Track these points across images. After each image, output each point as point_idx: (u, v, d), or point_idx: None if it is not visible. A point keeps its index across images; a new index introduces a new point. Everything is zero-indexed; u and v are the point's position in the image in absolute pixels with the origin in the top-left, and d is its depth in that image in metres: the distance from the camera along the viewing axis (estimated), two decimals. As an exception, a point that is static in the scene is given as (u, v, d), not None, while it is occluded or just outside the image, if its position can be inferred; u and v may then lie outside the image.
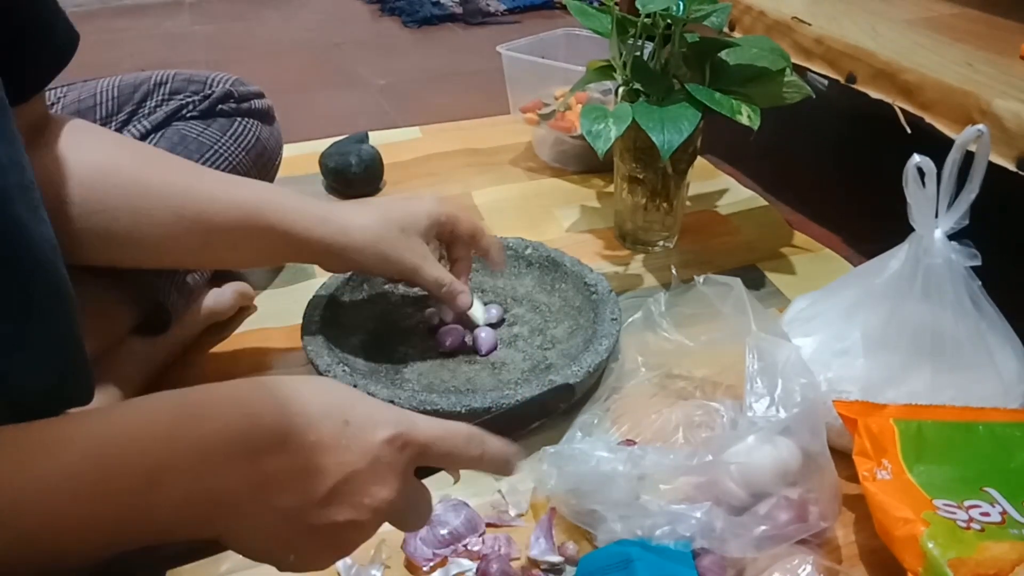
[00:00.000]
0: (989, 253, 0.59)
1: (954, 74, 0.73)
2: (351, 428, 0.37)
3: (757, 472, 0.53)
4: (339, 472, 0.36)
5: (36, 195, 0.40)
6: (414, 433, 0.39)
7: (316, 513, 0.36)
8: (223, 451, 0.35)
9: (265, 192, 0.60)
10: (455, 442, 0.41)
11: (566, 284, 0.75)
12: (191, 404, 0.36)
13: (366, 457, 0.37)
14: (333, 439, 0.37)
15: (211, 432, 0.35)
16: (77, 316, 0.42)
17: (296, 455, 0.36)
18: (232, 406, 0.36)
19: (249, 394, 0.37)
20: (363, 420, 0.38)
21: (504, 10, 1.86)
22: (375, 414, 0.38)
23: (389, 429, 0.38)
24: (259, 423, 0.35)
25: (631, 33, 0.80)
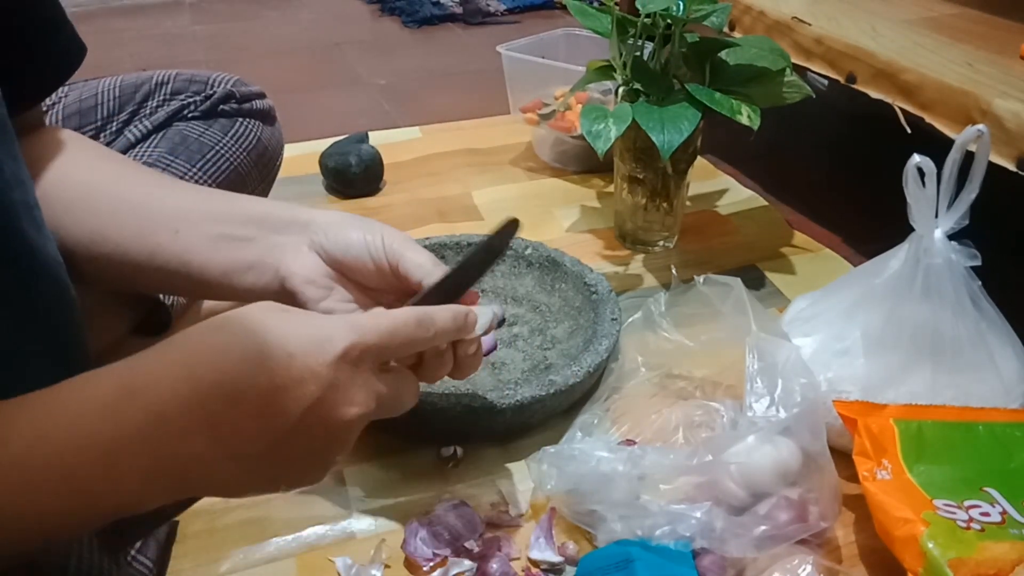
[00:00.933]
0: (989, 253, 0.59)
1: (954, 74, 0.73)
2: (298, 359, 0.36)
3: (757, 472, 0.53)
4: (299, 407, 0.36)
5: (38, 212, 0.41)
6: (363, 340, 0.38)
7: (288, 447, 0.36)
8: (175, 420, 0.34)
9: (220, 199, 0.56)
10: (407, 331, 0.41)
11: (566, 284, 0.75)
12: (133, 376, 0.35)
13: (321, 383, 0.36)
14: (283, 377, 0.36)
15: (158, 403, 0.34)
16: (80, 322, 0.43)
17: (250, 405, 0.35)
18: (174, 372, 0.35)
19: (189, 355, 0.35)
20: (307, 346, 0.37)
21: (504, 10, 1.86)
22: (318, 334, 0.37)
23: (336, 346, 0.37)
24: (204, 383, 0.34)
25: (631, 33, 0.80)
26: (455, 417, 0.59)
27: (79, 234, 0.50)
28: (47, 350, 0.41)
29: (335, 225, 0.52)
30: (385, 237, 0.51)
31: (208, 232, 0.51)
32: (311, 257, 0.51)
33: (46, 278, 0.41)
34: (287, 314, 0.39)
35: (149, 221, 0.51)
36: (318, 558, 0.53)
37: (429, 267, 0.50)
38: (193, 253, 0.51)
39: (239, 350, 0.36)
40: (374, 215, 0.96)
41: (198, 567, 0.53)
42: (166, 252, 0.51)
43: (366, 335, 0.39)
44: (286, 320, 0.38)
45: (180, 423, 0.34)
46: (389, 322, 0.40)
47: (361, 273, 0.51)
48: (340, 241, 0.51)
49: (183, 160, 0.70)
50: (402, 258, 0.50)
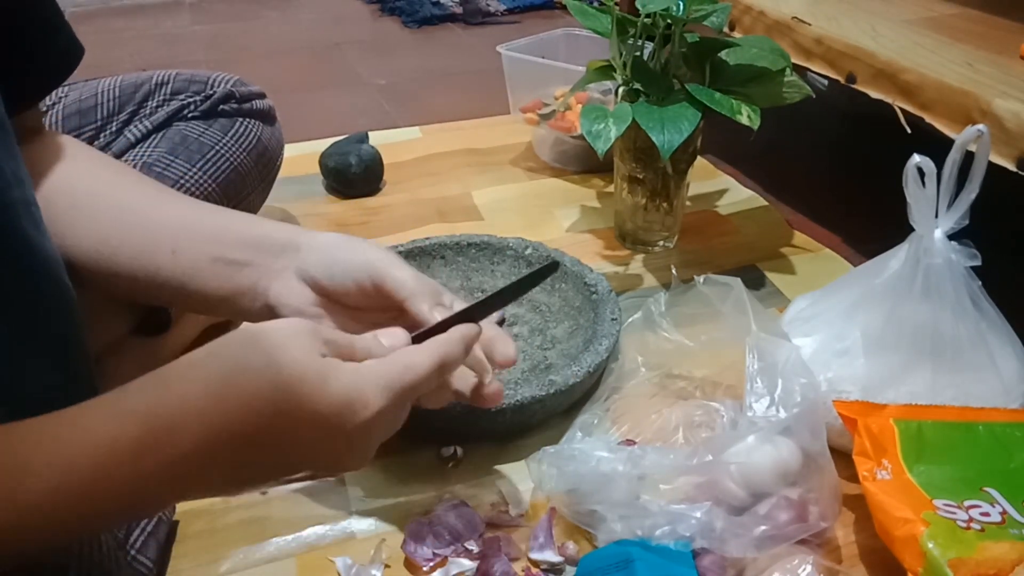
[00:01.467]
0: (989, 253, 0.59)
1: (954, 74, 0.73)
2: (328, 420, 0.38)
3: (757, 472, 0.53)
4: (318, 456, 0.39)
5: (37, 210, 0.41)
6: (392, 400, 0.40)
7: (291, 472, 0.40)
8: (195, 465, 0.35)
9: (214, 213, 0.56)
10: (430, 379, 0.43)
11: (566, 284, 0.75)
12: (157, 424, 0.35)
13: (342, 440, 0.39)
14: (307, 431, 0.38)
15: (181, 454, 0.35)
16: (80, 322, 0.43)
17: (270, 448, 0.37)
18: (200, 420, 0.35)
19: (218, 398, 0.36)
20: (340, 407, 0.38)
21: (504, 10, 1.86)
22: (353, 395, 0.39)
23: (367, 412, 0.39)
24: (231, 435, 0.36)
25: (631, 33, 0.80)
26: (455, 417, 0.59)
27: (80, 247, 0.51)
28: (47, 349, 0.41)
29: (323, 249, 0.51)
30: (368, 258, 0.50)
31: (205, 254, 0.51)
32: (298, 286, 0.51)
33: (46, 277, 0.41)
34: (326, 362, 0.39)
35: (148, 239, 0.51)
36: (318, 558, 0.53)
37: (411, 284, 0.49)
38: (190, 276, 0.51)
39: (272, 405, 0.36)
40: (374, 215, 0.96)
41: (198, 567, 0.53)
42: (164, 272, 0.51)
43: (395, 396, 0.41)
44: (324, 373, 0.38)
45: (201, 466, 0.36)
46: (415, 377, 0.42)
47: (346, 296, 0.51)
48: (327, 268, 0.51)
49: (183, 160, 0.70)
50: (385, 276, 0.49)
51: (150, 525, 0.50)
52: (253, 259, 0.51)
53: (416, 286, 0.49)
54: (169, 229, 0.52)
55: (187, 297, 0.52)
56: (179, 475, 0.35)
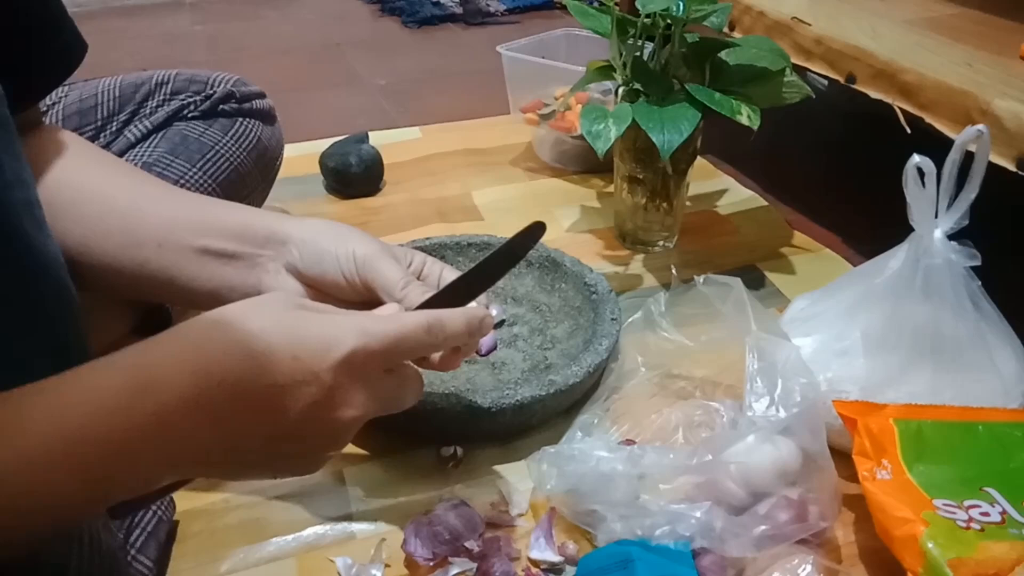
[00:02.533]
0: (989, 253, 0.59)
1: (954, 74, 0.73)
2: (301, 362, 0.37)
3: (757, 472, 0.53)
4: (298, 407, 0.37)
5: (40, 211, 0.41)
6: (369, 346, 0.39)
7: (285, 443, 0.38)
8: (183, 416, 0.35)
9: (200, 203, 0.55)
10: (416, 337, 0.41)
11: (566, 284, 0.75)
12: (142, 373, 0.36)
13: (322, 386, 0.38)
14: (286, 378, 0.37)
15: (168, 401, 0.35)
16: (81, 322, 0.43)
17: (252, 402, 0.37)
18: (183, 370, 0.36)
19: (197, 352, 0.37)
20: (312, 349, 0.38)
21: (504, 10, 1.86)
22: (324, 338, 0.38)
23: (341, 350, 0.38)
24: (211, 382, 0.36)
25: (631, 33, 0.80)
26: (455, 417, 0.59)
27: (69, 242, 0.50)
28: (48, 350, 0.41)
29: (309, 242, 0.50)
30: (356, 252, 0.49)
31: (190, 245, 0.51)
32: (289, 280, 0.51)
33: (47, 278, 0.41)
34: (298, 312, 0.39)
35: (133, 233, 0.51)
36: (318, 558, 0.53)
37: (400, 285, 0.49)
38: (177, 268, 0.51)
39: (245, 350, 0.37)
40: (374, 215, 0.96)
41: (198, 567, 0.53)
42: (152, 266, 0.51)
43: (372, 341, 0.39)
44: (296, 320, 0.39)
45: (188, 418, 0.36)
46: (397, 328, 0.40)
47: (336, 290, 0.51)
48: (314, 261, 0.50)
49: (183, 160, 0.70)
50: (373, 274, 0.49)
51: (150, 525, 0.50)
52: (238, 249, 0.51)
53: (405, 288, 0.48)
54: (154, 221, 0.51)
55: (177, 291, 0.52)
56: (166, 426, 0.35)
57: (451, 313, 0.44)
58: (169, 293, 0.53)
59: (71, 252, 0.50)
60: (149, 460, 0.36)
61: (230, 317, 0.38)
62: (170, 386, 0.35)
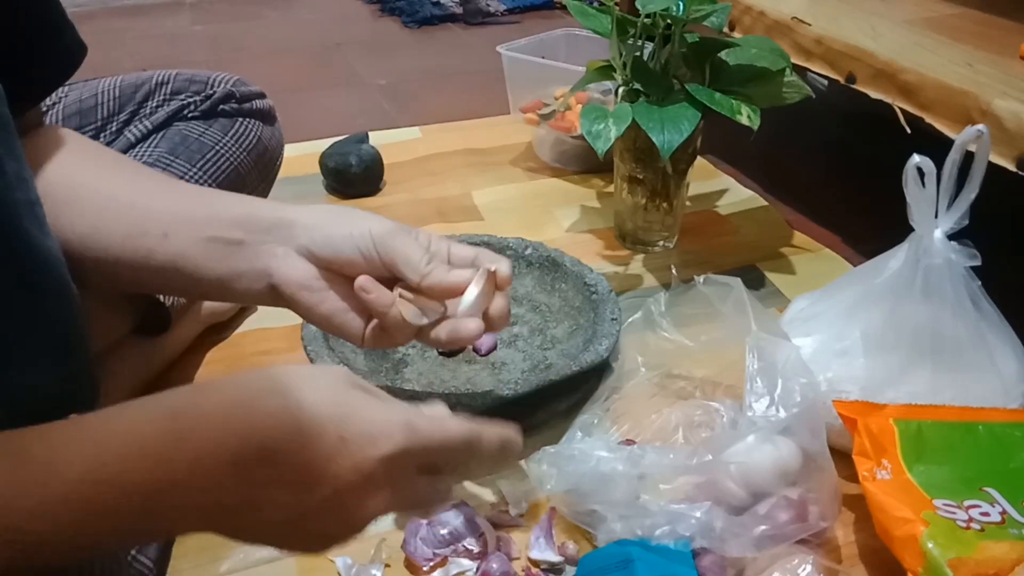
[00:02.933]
0: (989, 253, 0.59)
1: (954, 74, 0.73)
2: (347, 445, 0.36)
3: (757, 472, 0.53)
4: (331, 488, 0.36)
5: (40, 210, 0.41)
6: (414, 447, 0.38)
7: (308, 523, 0.37)
8: (212, 469, 0.34)
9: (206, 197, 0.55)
10: (455, 446, 0.40)
11: (566, 284, 0.75)
12: (182, 423, 0.35)
13: (360, 474, 0.36)
14: (327, 457, 0.36)
15: (203, 453, 0.34)
16: (82, 322, 0.43)
17: (285, 471, 0.35)
18: (222, 424, 0.35)
19: (244, 410, 0.36)
20: (360, 436, 0.37)
21: (504, 10, 1.86)
22: (375, 428, 0.37)
23: (387, 446, 0.37)
24: (249, 440, 0.35)
25: (631, 33, 0.80)
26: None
27: (71, 236, 0.50)
28: (49, 349, 0.41)
29: (320, 226, 0.50)
30: (373, 231, 0.49)
31: (197, 235, 0.50)
32: (301, 262, 0.50)
33: (48, 277, 0.41)
34: (353, 394, 0.38)
35: (138, 224, 0.50)
36: (318, 558, 0.53)
37: (421, 266, 0.49)
38: (185, 258, 0.50)
39: (295, 422, 0.36)
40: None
41: (198, 567, 0.53)
42: (158, 256, 0.50)
43: (418, 441, 0.38)
44: (350, 402, 0.38)
45: (220, 474, 0.35)
46: (442, 434, 0.40)
47: (353, 269, 0.50)
48: (327, 242, 0.50)
49: (183, 160, 0.70)
50: (393, 251, 0.49)
51: (150, 526, 0.50)
52: (245, 237, 0.50)
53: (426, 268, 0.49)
54: (159, 213, 0.51)
55: (183, 281, 0.51)
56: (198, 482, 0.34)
57: (490, 430, 0.42)
58: (174, 284, 0.53)
59: (75, 246, 0.50)
60: (173, 511, 0.35)
61: (285, 383, 0.37)
62: (209, 440, 0.35)
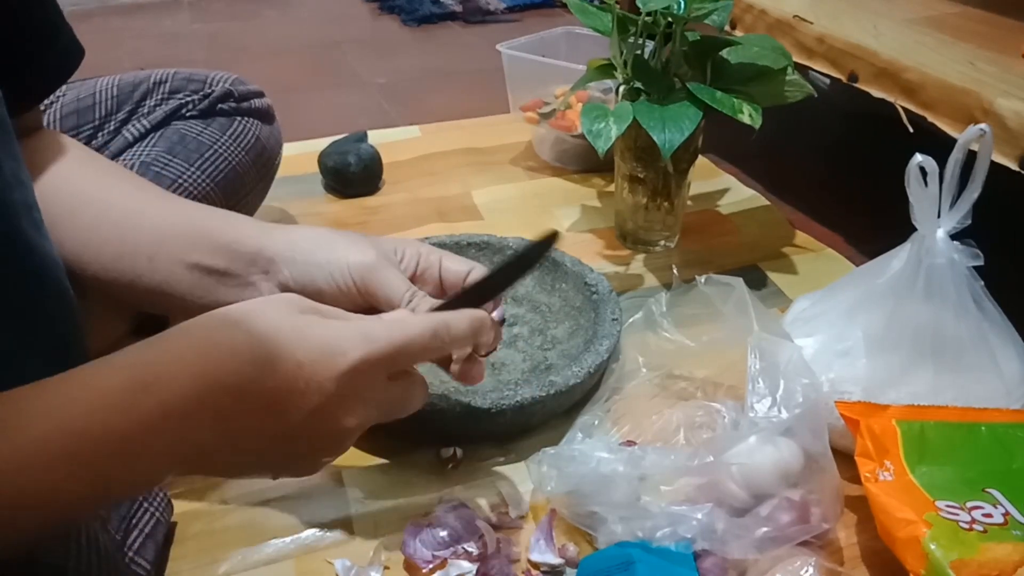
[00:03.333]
0: (992, 253, 0.58)
1: (956, 73, 0.73)
2: (305, 368, 0.37)
3: (758, 473, 0.52)
4: (300, 412, 0.37)
5: (38, 213, 0.41)
6: (373, 354, 0.39)
7: (286, 445, 0.38)
8: (185, 414, 0.35)
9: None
10: (421, 342, 0.41)
11: (566, 284, 0.75)
12: (145, 371, 0.36)
13: (324, 393, 0.37)
14: (289, 383, 0.37)
15: (171, 398, 0.35)
16: (80, 323, 0.43)
17: (255, 404, 0.36)
18: (187, 369, 0.36)
19: (201, 352, 0.37)
20: (317, 356, 0.37)
21: (504, 8, 1.86)
22: (329, 344, 0.38)
23: (346, 360, 0.38)
24: (214, 381, 0.36)
25: (632, 32, 0.79)
26: (455, 418, 0.59)
27: (65, 252, 0.49)
28: (47, 351, 0.41)
29: (297, 259, 0.49)
30: (350, 262, 0.49)
31: (181, 260, 0.50)
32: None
33: (46, 279, 0.41)
34: (304, 317, 0.39)
35: (127, 243, 0.51)
36: (317, 560, 0.53)
37: (406, 298, 0.48)
38: (171, 285, 0.51)
39: (250, 352, 0.37)
40: (373, 215, 0.96)
41: (196, 568, 0.53)
42: (144, 280, 0.51)
43: (376, 348, 0.39)
44: (301, 325, 0.39)
45: (190, 417, 0.35)
46: (402, 334, 0.40)
47: (335, 302, 0.48)
48: (305, 275, 0.49)
49: (181, 159, 0.70)
50: (374, 285, 0.48)
51: (148, 527, 0.50)
52: (228, 267, 0.50)
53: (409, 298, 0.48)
54: (146, 232, 0.51)
55: (173, 305, 0.52)
56: (168, 426, 0.35)
57: (455, 315, 0.44)
58: (165, 306, 0.53)
59: (67, 262, 0.49)
60: (148, 459, 0.36)
61: (236, 317, 0.38)
62: (172, 385, 0.35)
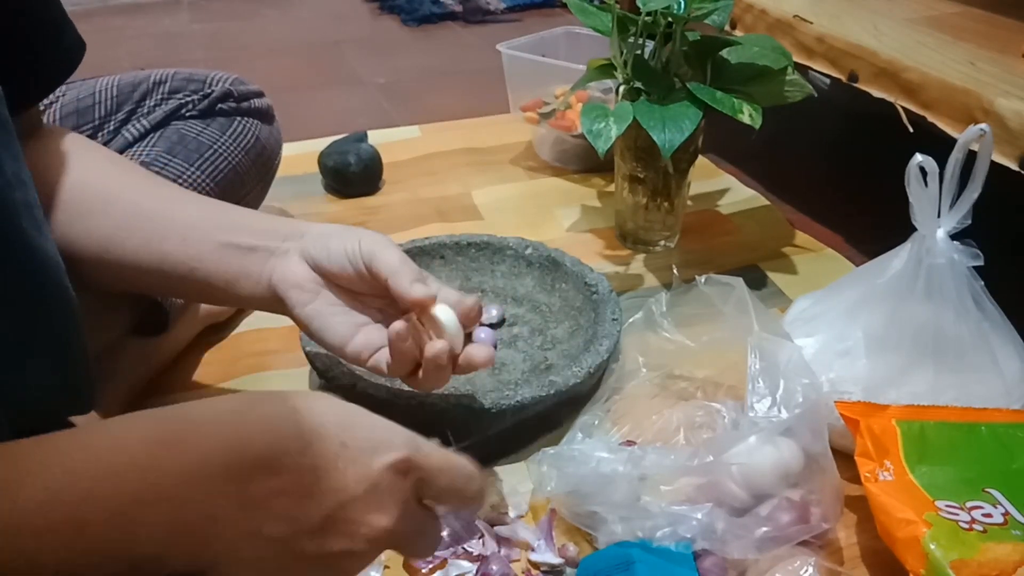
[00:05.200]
0: (992, 253, 0.58)
1: (956, 73, 0.73)
2: (349, 451, 0.34)
3: (758, 473, 0.52)
4: (334, 498, 0.33)
5: (39, 212, 0.41)
6: (418, 460, 0.36)
7: (308, 541, 0.34)
8: (205, 478, 0.31)
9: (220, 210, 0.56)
10: (457, 477, 0.38)
11: (566, 284, 0.75)
12: (170, 430, 0.33)
13: (364, 483, 0.34)
14: (329, 462, 0.33)
15: (192, 461, 0.32)
16: (80, 322, 0.43)
17: (287, 478, 0.33)
18: (215, 430, 0.33)
19: (236, 416, 0.34)
20: (363, 442, 0.35)
21: (504, 8, 1.85)
22: (377, 436, 0.36)
23: (392, 454, 0.35)
24: (246, 446, 0.32)
25: (632, 31, 0.79)
26: (455, 418, 0.59)
27: (90, 241, 0.52)
28: (47, 350, 0.41)
29: (323, 236, 0.54)
30: (362, 241, 0.52)
31: (215, 240, 0.53)
32: (300, 265, 0.53)
33: (46, 279, 0.41)
34: (356, 409, 0.37)
35: (160, 229, 0.53)
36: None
37: (396, 265, 0.51)
38: (199, 260, 0.53)
39: (294, 425, 0.33)
40: (373, 214, 0.96)
41: (196, 569, 0.53)
42: (173, 259, 0.53)
43: (422, 456, 0.36)
44: (353, 413, 0.36)
45: (212, 480, 0.32)
46: (445, 459, 0.38)
47: (344, 277, 0.53)
48: (325, 250, 0.53)
49: (181, 159, 0.70)
50: (373, 258, 0.52)
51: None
52: (258, 243, 0.53)
53: (400, 266, 0.51)
54: (182, 219, 0.54)
55: (195, 284, 0.53)
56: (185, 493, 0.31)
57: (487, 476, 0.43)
58: (184, 286, 0.55)
59: (92, 251, 0.52)
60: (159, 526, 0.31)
61: (280, 396, 0.35)
62: (198, 447, 0.32)
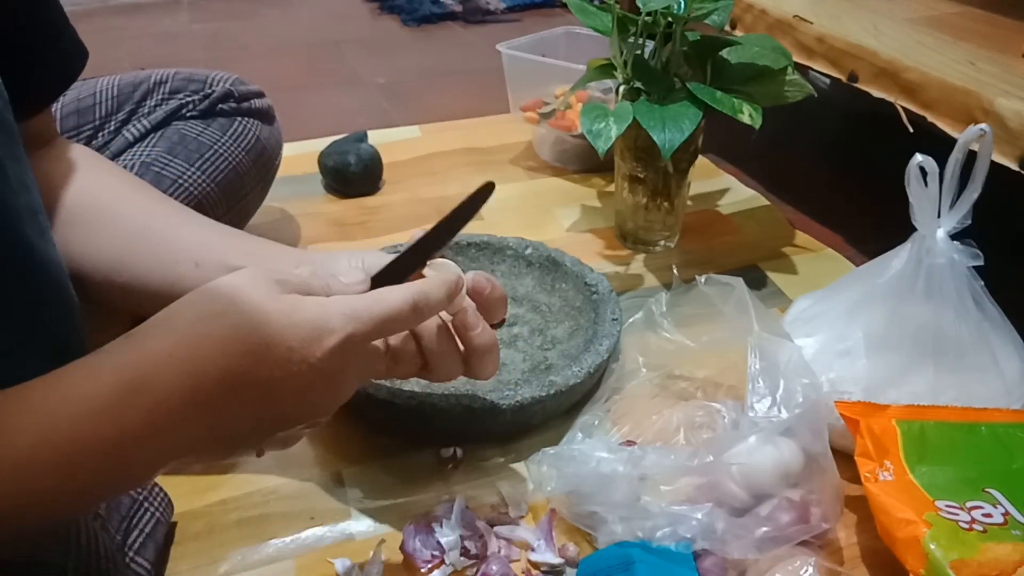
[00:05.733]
0: (992, 253, 0.58)
1: (956, 73, 0.73)
2: (296, 352, 0.38)
3: (758, 473, 0.52)
4: (294, 396, 0.39)
5: (43, 217, 0.41)
6: (360, 329, 0.40)
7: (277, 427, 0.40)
8: (177, 413, 0.35)
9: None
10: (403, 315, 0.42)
11: (566, 284, 0.75)
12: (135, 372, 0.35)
13: (318, 372, 0.38)
14: (283, 368, 0.37)
15: (163, 399, 0.35)
16: (81, 326, 0.43)
17: (248, 396, 0.37)
18: (178, 368, 0.36)
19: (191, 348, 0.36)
20: (306, 338, 0.38)
21: (504, 8, 1.85)
22: (316, 325, 0.39)
23: (335, 337, 0.39)
24: (207, 379, 0.36)
25: (632, 31, 0.79)
26: (455, 418, 0.59)
27: (99, 260, 0.52)
28: (48, 354, 0.41)
29: (331, 258, 0.53)
30: (365, 259, 0.52)
31: (228, 265, 0.52)
32: None
33: (48, 283, 0.41)
34: (288, 298, 0.40)
35: (171, 253, 0.53)
36: (317, 559, 0.53)
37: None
38: None
39: (242, 344, 0.37)
40: (373, 214, 0.96)
41: (196, 568, 0.53)
42: (185, 283, 0.52)
43: (362, 327, 0.40)
44: (288, 308, 0.39)
45: (182, 415, 0.36)
46: (384, 309, 0.41)
47: None
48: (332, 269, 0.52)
49: (181, 159, 0.70)
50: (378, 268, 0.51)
51: (148, 527, 0.50)
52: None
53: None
54: (193, 241, 0.54)
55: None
56: (160, 427, 0.35)
57: (431, 283, 0.44)
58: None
59: (102, 271, 0.52)
60: (141, 459, 0.36)
61: (221, 307, 0.38)
62: (164, 385, 0.35)
